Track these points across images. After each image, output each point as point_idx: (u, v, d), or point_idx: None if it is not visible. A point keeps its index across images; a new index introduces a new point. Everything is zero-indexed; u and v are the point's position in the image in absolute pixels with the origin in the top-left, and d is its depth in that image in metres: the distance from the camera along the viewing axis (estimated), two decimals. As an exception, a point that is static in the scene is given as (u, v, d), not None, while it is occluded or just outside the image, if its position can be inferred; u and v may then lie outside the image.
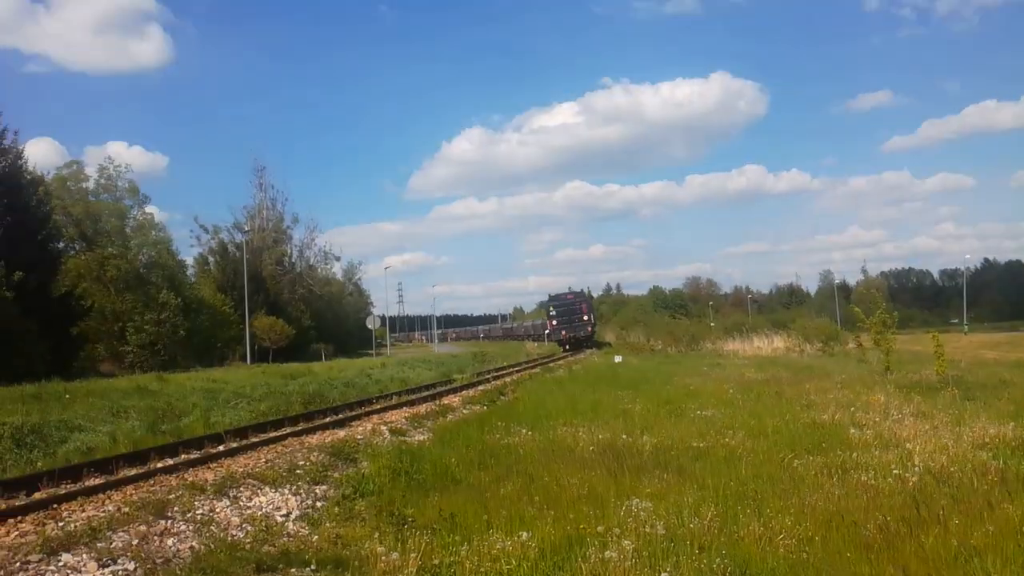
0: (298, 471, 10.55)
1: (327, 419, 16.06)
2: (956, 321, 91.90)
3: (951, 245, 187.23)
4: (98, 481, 10.01)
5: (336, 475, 10.45)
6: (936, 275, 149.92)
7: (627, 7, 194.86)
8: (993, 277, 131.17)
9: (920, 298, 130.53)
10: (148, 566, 6.66)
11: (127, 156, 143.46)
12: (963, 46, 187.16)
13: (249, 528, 7.99)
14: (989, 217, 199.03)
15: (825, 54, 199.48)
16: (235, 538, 7.60)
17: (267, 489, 9.61)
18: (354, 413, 17.23)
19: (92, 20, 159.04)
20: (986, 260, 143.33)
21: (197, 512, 8.39)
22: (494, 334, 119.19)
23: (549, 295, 65.43)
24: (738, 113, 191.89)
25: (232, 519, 8.33)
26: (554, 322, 58.94)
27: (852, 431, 11.79)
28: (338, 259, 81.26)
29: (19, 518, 8.01)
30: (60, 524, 7.73)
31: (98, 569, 6.50)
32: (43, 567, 6.46)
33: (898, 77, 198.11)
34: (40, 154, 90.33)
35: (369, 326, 62.54)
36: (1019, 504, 6.91)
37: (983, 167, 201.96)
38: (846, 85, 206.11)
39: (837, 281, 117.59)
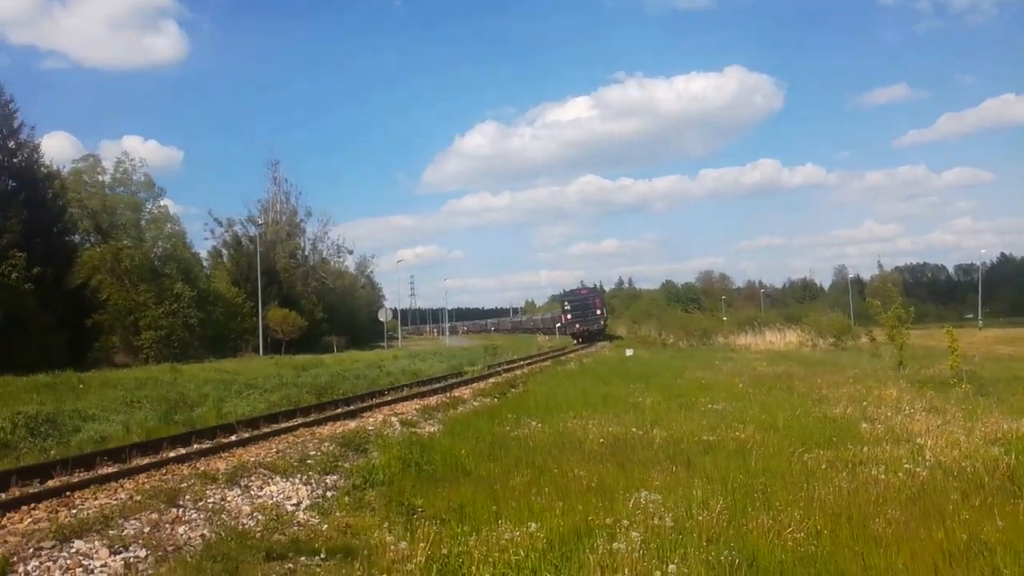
0: (309, 461, 10.60)
1: (338, 410, 16.15)
2: (971, 316, 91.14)
3: (968, 240, 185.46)
4: (111, 470, 10.10)
5: (346, 465, 10.50)
6: (951, 270, 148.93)
7: (641, 1, 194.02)
8: (1009, 272, 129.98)
9: (935, 293, 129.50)
10: (159, 553, 6.72)
11: (142, 150, 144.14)
12: (981, 39, 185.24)
13: (260, 517, 8.04)
14: (1008, 212, 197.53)
15: (841, 47, 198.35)
16: (246, 527, 7.65)
17: (278, 479, 9.67)
18: (365, 404, 17.31)
19: (108, 16, 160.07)
20: (1003, 255, 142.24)
21: (208, 501, 8.46)
22: (503, 327, 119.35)
23: (564, 291, 70.38)
24: (754, 107, 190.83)
25: (243, 508, 8.39)
26: (568, 316, 61.97)
27: (864, 425, 11.74)
28: (351, 252, 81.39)
29: (33, 505, 8.12)
30: (73, 511, 7.82)
31: (110, 556, 6.56)
32: (56, 553, 6.53)
33: (914, 71, 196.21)
34: (56, 149, 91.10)
35: (381, 319, 62.79)
36: (1031, 499, 6.87)
37: (1002, 161, 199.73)
38: (862, 79, 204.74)
39: (851, 276, 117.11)
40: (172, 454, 11.22)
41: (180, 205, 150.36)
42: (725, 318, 68.76)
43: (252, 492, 9.07)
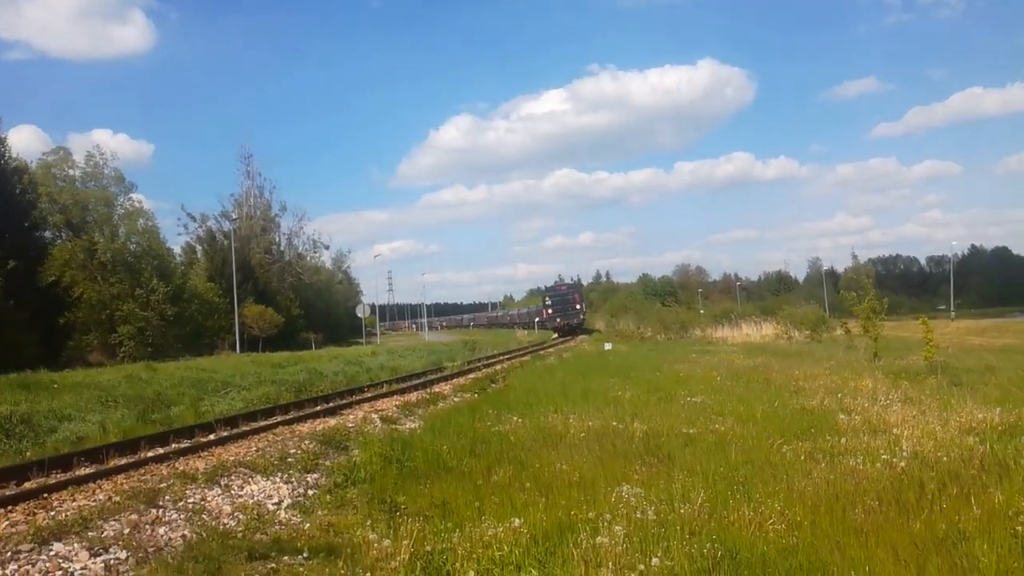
0: (289, 459, 10.54)
1: (318, 407, 16.05)
2: (943, 307, 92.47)
3: (938, 232, 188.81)
4: (88, 470, 9.98)
5: (327, 463, 10.46)
6: (923, 262, 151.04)
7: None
8: (980, 263, 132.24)
9: (907, 285, 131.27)
10: (140, 555, 6.66)
11: (112, 144, 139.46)
12: (949, 33, 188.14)
13: (241, 517, 8.00)
14: (976, 204, 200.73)
15: (812, 41, 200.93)
16: (227, 527, 7.60)
17: (258, 478, 9.61)
18: (345, 401, 17.23)
19: (73, 6, 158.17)
20: (973, 247, 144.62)
21: (188, 501, 8.38)
22: (480, 322, 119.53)
23: (544, 287, 74.53)
24: (726, 100, 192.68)
25: (224, 508, 8.33)
26: (550, 310, 63.82)
27: (840, 417, 11.84)
28: (327, 247, 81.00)
29: (9, 508, 7.99)
30: (51, 514, 7.71)
31: (90, 558, 6.49)
32: (34, 556, 6.45)
33: (884, 64, 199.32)
34: (23, 143, 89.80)
35: (359, 314, 62.49)
36: (1005, 488, 6.98)
37: (970, 154, 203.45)
38: (833, 72, 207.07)
39: (825, 268, 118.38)
40: (150, 454, 11.10)
41: (152, 200, 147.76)
42: (702, 311, 69.35)
43: (233, 491, 9.00)
